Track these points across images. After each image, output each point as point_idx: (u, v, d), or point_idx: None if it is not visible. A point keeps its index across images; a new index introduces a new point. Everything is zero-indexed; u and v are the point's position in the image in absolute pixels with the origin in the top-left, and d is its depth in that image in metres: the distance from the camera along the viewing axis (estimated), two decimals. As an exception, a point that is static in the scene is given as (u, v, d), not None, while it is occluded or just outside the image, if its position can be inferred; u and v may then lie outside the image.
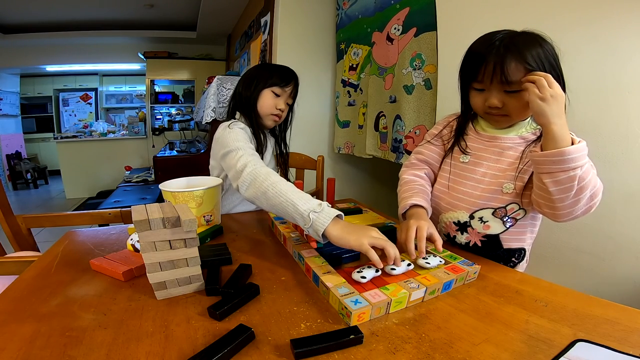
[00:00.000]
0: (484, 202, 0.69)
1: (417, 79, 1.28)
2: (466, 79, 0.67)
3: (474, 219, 0.70)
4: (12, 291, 0.52)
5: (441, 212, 0.76)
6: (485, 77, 0.61)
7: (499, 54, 0.58)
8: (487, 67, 0.60)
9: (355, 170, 2.15)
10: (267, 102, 0.97)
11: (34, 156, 5.13)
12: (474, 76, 0.63)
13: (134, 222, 0.46)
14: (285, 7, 1.86)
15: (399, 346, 0.40)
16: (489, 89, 0.62)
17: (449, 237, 0.76)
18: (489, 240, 0.70)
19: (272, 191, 0.65)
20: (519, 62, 0.57)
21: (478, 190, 0.69)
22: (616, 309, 0.47)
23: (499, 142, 0.68)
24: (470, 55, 0.65)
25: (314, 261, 0.57)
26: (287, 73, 0.99)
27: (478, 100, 0.65)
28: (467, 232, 0.72)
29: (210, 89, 2.20)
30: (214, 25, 3.76)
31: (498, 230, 0.69)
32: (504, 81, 0.58)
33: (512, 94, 0.60)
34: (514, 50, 0.57)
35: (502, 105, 0.61)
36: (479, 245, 0.71)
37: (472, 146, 0.72)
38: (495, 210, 0.68)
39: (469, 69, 0.65)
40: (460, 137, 0.74)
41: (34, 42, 4.10)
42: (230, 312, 0.46)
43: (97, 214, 1.07)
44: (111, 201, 2.53)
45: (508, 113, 0.62)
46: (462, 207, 0.71)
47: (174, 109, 4.79)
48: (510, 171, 0.66)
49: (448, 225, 0.74)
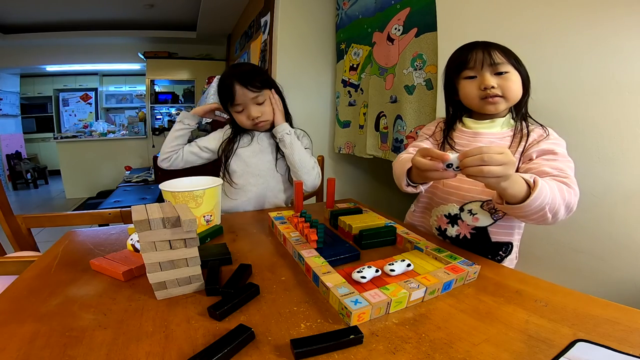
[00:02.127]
0: (472, 195, 0.73)
1: (418, 79, 1.28)
2: (456, 71, 0.73)
3: (464, 212, 0.74)
4: (12, 291, 0.52)
5: (433, 207, 0.80)
6: (476, 63, 0.69)
7: (484, 44, 0.70)
8: (476, 55, 0.69)
9: (355, 170, 2.15)
10: (239, 119, 1.01)
11: (34, 156, 5.14)
12: (465, 64, 0.70)
13: (134, 222, 0.46)
14: (285, 7, 1.86)
15: (399, 346, 0.40)
16: (481, 74, 0.69)
17: (441, 231, 0.79)
18: (477, 232, 0.74)
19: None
20: (499, 50, 0.69)
21: (466, 183, 0.73)
22: (616, 309, 0.47)
23: (482, 138, 0.73)
24: (457, 52, 0.74)
25: (314, 261, 0.57)
26: (226, 86, 0.96)
27: (472, 87, 0.71)
28: (458, 225, 0.76)
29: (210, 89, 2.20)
30: (214, 25, 3.76)
31: (486, 223, 0.73)
32: (492, 63, 0.68)
33: (501, 75, 0.68)
34: (495, 45, 0.70)
35: (496, 86, 0.68)
36: (468, 238, 0.75)
37: (458, 142, 0.77)
38: (483, 203, 0.72)
39: (458, 61, 0.72)
40: (448, 135, 0.78)
41: (34, 42, 4.10)
42: (230, 312, 0.46)
43: (97, 214, 1.07)
44: (111, 201, 2.53)
45: (503, 93, 0.68)
46: (453, 200, 0.76)
47: (174, 109, 4.79)
48: None
49: (440, 218, 0.79)
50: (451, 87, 0.77)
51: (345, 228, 0.75)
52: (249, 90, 0.95)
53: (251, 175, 1.04)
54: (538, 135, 0.70)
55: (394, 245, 0.71)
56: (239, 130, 1.06)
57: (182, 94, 4.90)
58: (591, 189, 0.81)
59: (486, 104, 0.70)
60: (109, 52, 4.59)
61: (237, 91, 0.94)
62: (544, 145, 0.67)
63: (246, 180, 1.04)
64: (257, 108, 0.98)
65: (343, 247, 0.64)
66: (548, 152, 0.66)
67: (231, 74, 0.97)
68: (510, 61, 0.69)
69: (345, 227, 0.75)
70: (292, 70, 1.93)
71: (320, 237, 0.65)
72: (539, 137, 0.69)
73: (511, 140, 0.72)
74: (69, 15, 3.55)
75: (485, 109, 0.71)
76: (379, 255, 0.64)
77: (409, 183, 0.69)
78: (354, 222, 0.73)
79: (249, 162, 1.04)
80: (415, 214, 0.88)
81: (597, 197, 0.81)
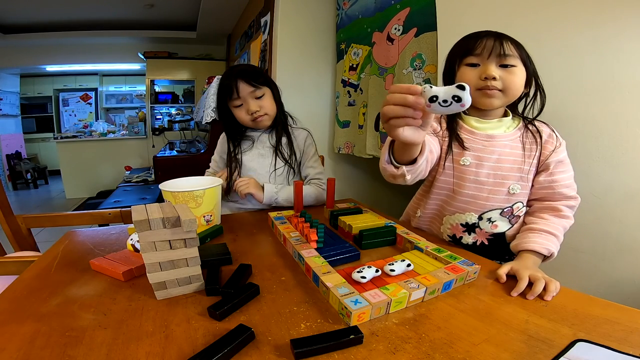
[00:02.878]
0: (492, 203, 0.70)
1: (418, 79, 1.28)
2: (459, 55, 0.69)
3: (483, 220, 0.72)
4: (12, 291, 0.52)
5: (445, 215, 0.76)
6: (484, 51, 0.65)
7: (498, 34, 0.66)
8: (486, 43, 0.64)
9: (355, 170, 2.14)
10: (237, 115, 1.01)
11: (34, 156, 5.14)
12: (471, 51, 0.66)
13: (134, 222, 0.46)
14: (285, 7, 1.86)
15: (399, 346, 0.40)
16: (485, 63, 0.65)
17: (455, 239, 0.76)
18: (495, 238, 0.72)
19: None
20: (512, 42, 0.65)
21: (484, 192, 0.70)
22: (616, 309, 0.47)
23: (496, 141, 0.69)
24: (466, 38, 0.70)
25: (314, 261, 0.57)
26: (226, 80, 0.98)
27: (471, 75, 0.67)
28: (475, 233, 0.73)
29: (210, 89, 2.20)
30: (214, 25, 3.76)
31: (505, 229, 0.72)
32: (502, 54, 0.63)
33: (507, 68, 0.65)
34: (508, 36, 0.66)
35: (498, 78, 0.64)
36: (485, 244, 0.73)
37: (471, 147, 0.70)
38: (503, 210, 0.70)
39: (465, 46, 0.68)
40: (455, 133, 0.72)
41: (34, 42, 4.10)
42: (230, 312, 0.46)
43: (97, 214, 1.07)
44: (111, 201, 2.53)
45: (503, 87, 0.65)
46: (470, 210, 0.72)
47: (174, 109, 4.79)
48: (515, 171, 0.68)
49: (455, 227, 0.75)
50: (451, 75, 0.72)
51: (345, 228, 0.75)
52: (248, 85, 0.97)
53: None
54: (548, 136, 0.70)
55: (394, 245, 0.71)
56: (236, 135, 1.06)
57: (182, 94, 4.90)
58: (591, 189, 0.81)
59: (482, 96, 0.66)
60: (109, 52, 4.59)
61: (237, 84, 0.96)
62: (560, 156, 0.69)
63: None
64: (255, 102, 0.99)
65: (343, 247, 0.64)
66: (560, 162, 0.69)
67: (232, 70, 1.00)
68: (522, 55, 0.66)
69: (345, 227, 0.75)
70: (292, 70, 1.93)
71: (320, 237, 0.65)
72: (549, 138, 0.70)
73: (522, 142, 0.69)
74: (69, 15, 3.55)
75: (480, 102, 0.67)
76: (379, 255, 0.64)
77: (391, 160, 0.59)
78: (354, 222, 0.73)
79: (249, 167, 1.04)
80: (422, 220, 0.83)
81: (598, 197, 0.81)
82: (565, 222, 0.68)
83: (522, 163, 0.68)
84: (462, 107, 0.40)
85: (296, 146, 1.07)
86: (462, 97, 0.39)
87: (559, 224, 0.67)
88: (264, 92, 1.00)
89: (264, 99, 1.00)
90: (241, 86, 0.96)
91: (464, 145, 0.70)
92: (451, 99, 0.40)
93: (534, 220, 0.69)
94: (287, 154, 1.05)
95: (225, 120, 1.05)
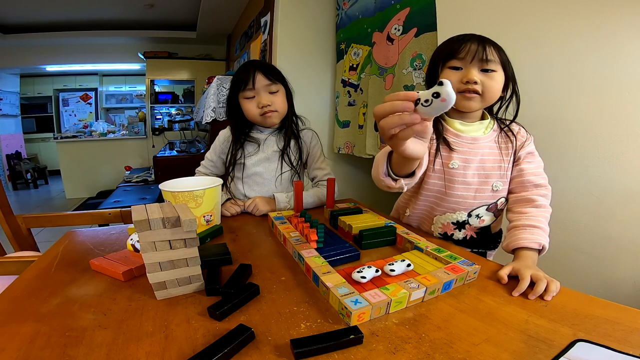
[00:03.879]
0: (479, 201, 0.75)
1: (418, 79, 1.28)
2: (443, 58, 0.71)
3: (472, 217, 0.76)
4: (12, 291, 0.52)
5: (435, 215, 0.79)
6: (467, 55, 0.67)
7: (481, 38, 0.68)
8: (470, 47, 0.67)
9: (355, 170, 2.15)
10: (247, 107, 0.99)
11: (34, 156, 5.14)
12: (454, 54, 0.68)
13: (134, 222, 0.46)
14: (285, 7, 1.86)
15: (399, 346, 0.40)
16: (467, 67, 0.68)
17: (446, 236, 0.80)
18: (482, 231, 0.78)
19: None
20: (494, 47, 0.68)
21: (472, 191, 0.74)
22: (616, 309, 0.47)
23: (479, 143, 0.73)
24: (450, 40, 0.72)
25: (314, 261, 0.57)
26: (244, 71, 0.98)
27: (454, 78, 0.69)
28: (465, 229, 0.78)
29: (210, 89, 2.20)
30: (214, 25, 3.76)
31: (490, 222, 0.78)
32: (484, 59, 0.66)
33: (488, 73, 0.67)
34: (490, 41, 0.69)
35: (479, 82, 0.67)
36: (474, 237, 0.78)
37: (459, 150, 0.73)
38: (488, 207, 0.76)
39: (449, 49, 0.70)
40: (442, 136, 0.74)
41: (34, 42, 4.10)
42: (230, 312, 0.46)
43: (97, 214, 1.07)
44: (111, 201, 2.53)
45: (482, 91, 0.68)
46: (460, 209, 0.76)
47: (174, 109, 4.79)
48: (496, 169, 0.74)
49: (445, 225, 0.78)
50: (434, 76, 0.74)
51: (345, 228, 0.75)
52: (265, 77, 0.97)
53: (255, 183, 1.04)
54: (517, 132, 0.76)
55: (394, 245, 0.71)
56: (240, 135, 1.04)
57: (182, 94, 4.91)
58: (591, 189, 0.81)
59: (462, 99, 0.69)
60: (109, 52, 4.59)
61: (254, 75, 0.96)
62: (529, 148, 0.75)
63: (250, 187, 1.04)
64: (268, 96, 0.98)
65: (343, 247, 0.64)
66: (529, 154, 0.75)
67: (251, 62, 1.01)
68: (502, 60, 0.68)
69: (345, 227, 0.75)
70: (292, 70, 1.92)
71: (320, 237, 0.65)
72: (519, 135, 0.75)
73: (497, 142, 0.74)
74: (68, 15, 3.56)
75: (459, 104, 0.70)
76: (379, 255, 0.64)
77: (388, 173, 0.61)
78: (354, 222, 0.73)
79: (254, 171, 1.03)
80: (412, 218, 0.85)
81: (597, 197, 0.81)
82: (544, 212, 0.70)
83: (501, 161, 0.74)
84: (444, 102, 0.40)
85: (303, 148, 1.07)
86: (440, 92, 0.40)
87: (539, 216, 0.69)
88: (279, 88, 1.00)
89: (277, 96, 0.99)
90: (258, 77, 0.96)
91: (451, 147, 0.73)
92: (431, 97, 0.40)
93: (515, 217, 0.71)
94: (294, 158, 1.05)
95: (233, 116, 1.03)
